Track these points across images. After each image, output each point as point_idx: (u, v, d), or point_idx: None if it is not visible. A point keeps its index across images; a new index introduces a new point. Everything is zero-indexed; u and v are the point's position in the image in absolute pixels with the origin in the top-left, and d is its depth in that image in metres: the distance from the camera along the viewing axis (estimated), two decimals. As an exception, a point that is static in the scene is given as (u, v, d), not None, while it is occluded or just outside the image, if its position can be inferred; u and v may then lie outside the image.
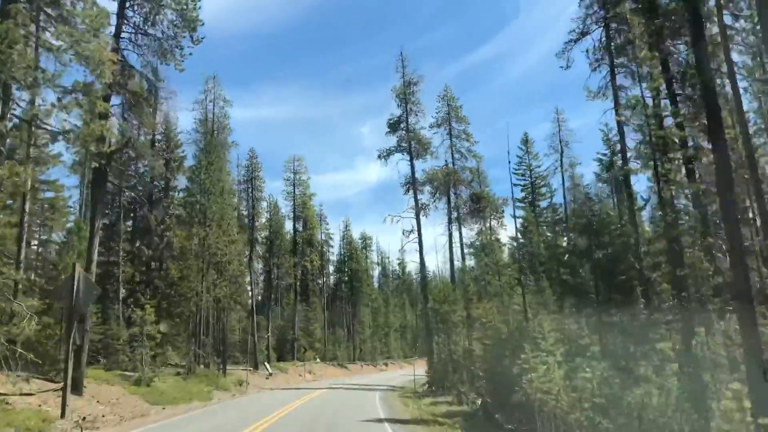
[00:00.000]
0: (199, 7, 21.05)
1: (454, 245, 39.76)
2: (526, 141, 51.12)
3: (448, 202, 40.01)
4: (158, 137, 37.48)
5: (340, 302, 79.93)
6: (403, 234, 39.43)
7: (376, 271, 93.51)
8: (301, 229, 64.19)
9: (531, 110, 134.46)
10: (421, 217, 39.48)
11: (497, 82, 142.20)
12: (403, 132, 40.78)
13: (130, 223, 37.12)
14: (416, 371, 40.66)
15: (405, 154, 40.52)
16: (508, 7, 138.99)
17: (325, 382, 48.33)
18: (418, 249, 39.38)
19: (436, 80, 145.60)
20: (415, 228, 39.45)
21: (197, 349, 30.37)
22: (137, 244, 34.40)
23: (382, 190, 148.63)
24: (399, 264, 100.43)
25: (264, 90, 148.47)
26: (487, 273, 33.54)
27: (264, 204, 57.61)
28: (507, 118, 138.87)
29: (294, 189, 63.92)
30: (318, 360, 64.39)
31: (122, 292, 30.25)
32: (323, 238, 73.41)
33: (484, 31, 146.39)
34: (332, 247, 75.40)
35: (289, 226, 63.58)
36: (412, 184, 39.97)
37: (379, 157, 40.65)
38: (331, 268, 79.60)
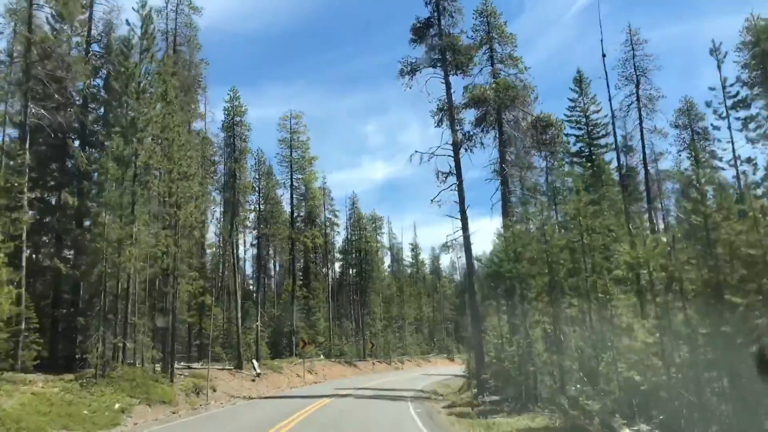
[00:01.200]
0: None
1: (511, 193, 28.04)
2: (580, 80, 39.35)
3: (500, 132, 28.37)
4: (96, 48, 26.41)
5: (348, 291, 68.58)
6: (437, 178, 27.74)
7: (387, 258, 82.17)
8: (300, 199, 52.80)
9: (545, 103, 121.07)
10: (461, 154, 27.93)
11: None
12: (434, 38, 29.25)
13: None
14: (443, 370, 28.75)
15: (438, 68, 28.96)
16: (513, 3, 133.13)
17: (329, 385, 37.03)
18: (458, 199, 27.59)
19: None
20: (453, 169, 27.84)
21: (117, 336, 18.89)
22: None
23: (388, 189, 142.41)
24: (412, 250, 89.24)
25: (268, 89, 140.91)
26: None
27: (252, 162, 46.55)
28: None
29: (291, 151, 52.60)
30: (321, 356, 53.20)
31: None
32: (327, 216, 62.12)
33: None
34: (337, 227, 63.91)
35: (285, 197, 52.46)
36: (447, 108, 28.43)
37: (401, 73, 29.09)
38: (338, 255, 68.43)
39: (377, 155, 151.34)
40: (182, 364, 32.21)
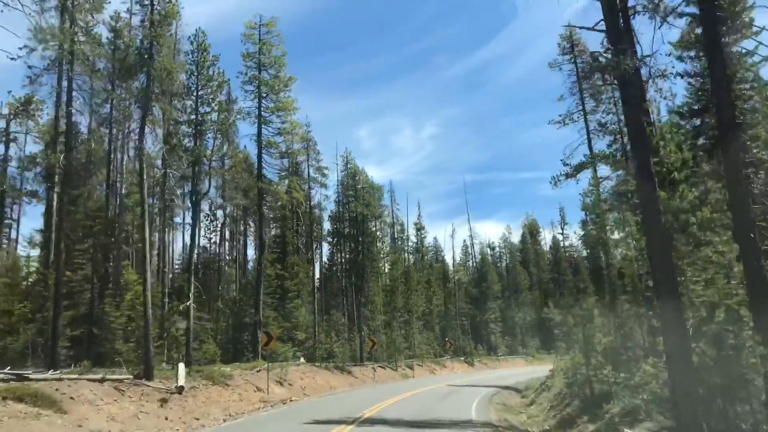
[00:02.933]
0: None
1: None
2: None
3: None
4: None
5: (340, 275, 52.66)
6: None
7: (387, 239, 66.27)
8: (270, 136, 36.85)
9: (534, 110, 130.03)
10: None
11: (498, 83, 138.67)
12: None
13: None
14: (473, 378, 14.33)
15: None
16: (506, 8, 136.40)
17: (306, 408, 21.22)
18: None
19: (434, 83, 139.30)
20: None
21: None
22: None
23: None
24: (417, 230, 73.33)
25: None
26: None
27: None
28: (511, 118, 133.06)
29: (259, 70, 36.71)
30: (302, 360, 37.45)
31: None
32: (312, 174, 46.24)
33: (485, 32, 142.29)
34: (325, 190, 48.00)
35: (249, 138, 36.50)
36: None
37: None
38: (327, 227, 52.63)
39: (369, 159, 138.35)
40: (8, 372, 16.12)
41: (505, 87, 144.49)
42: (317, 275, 46.17)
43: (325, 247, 55.55)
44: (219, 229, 46.19)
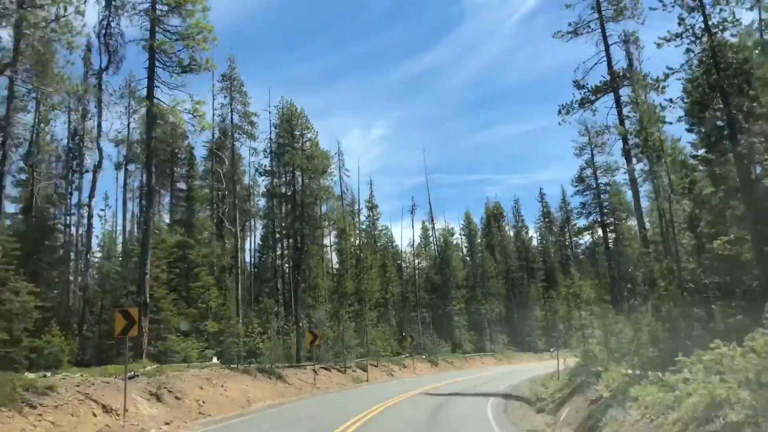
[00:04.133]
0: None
1: None
2: None
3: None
4: None
5: (272, 251, 41.62)
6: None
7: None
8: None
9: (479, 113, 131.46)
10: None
11: (447, 85, 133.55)
12: None
13: None
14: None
15: None
16: (455, 11, 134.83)
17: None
18: None
19: (383, 84, 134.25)
20: None
21: None
22: None
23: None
24: (369, 210, 62.96)
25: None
26: None
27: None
28: (456, 121, 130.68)
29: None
30: (214, 360, 26.94)
31: None
32: (236, 120, 35.15)
33: (433, 34, 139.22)
34: (256, 142, 36.94)
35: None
36: None
37: None
38: (261, 182, 41.35)
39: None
40: None
41: (452, 89, 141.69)
42: (247, 251, 35.12)
43: (259, 224, 44.53)
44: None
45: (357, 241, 48.28)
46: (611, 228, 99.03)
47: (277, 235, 39.76)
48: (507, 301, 67.91)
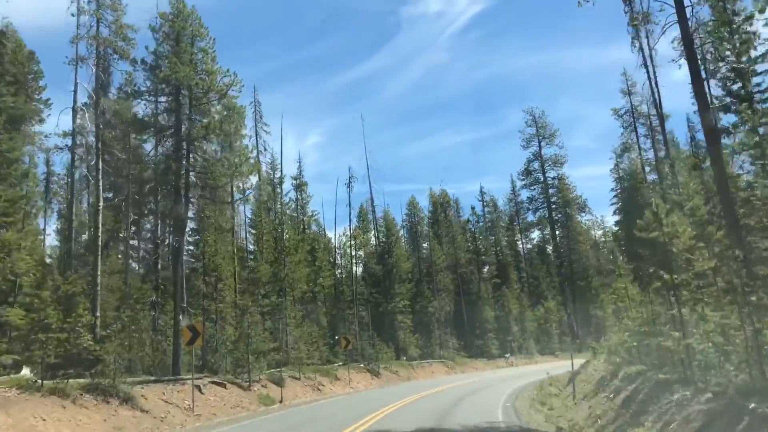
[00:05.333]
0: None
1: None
2: None
3: None
4: None
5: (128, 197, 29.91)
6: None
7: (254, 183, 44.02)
8: None
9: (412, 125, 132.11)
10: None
11: (384, 95, 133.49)
12: None
13: None
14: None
15: None
16: (391, 22, 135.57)
17: None
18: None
19: (320, 92, 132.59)
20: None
21: None
22: None
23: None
24: (297, 188, 52.07)
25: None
26: None
27: None
28: (394, 130, 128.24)
29: None
30: (24, 373, 15.23)
31: None
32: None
33: (369, 44, 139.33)
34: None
35: None
36: None
37: None
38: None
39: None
40: None
41: (390, 99, 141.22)
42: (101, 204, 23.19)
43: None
44: None
45: (277, 219, 37.12)
46: (559, 224, 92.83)
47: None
48: (456, 298, 58.30)
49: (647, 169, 44.63)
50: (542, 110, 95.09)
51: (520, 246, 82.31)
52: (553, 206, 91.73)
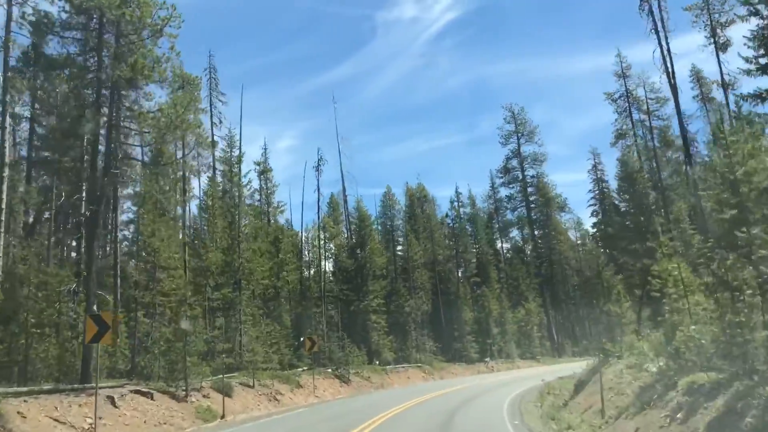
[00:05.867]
0: None
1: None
2: None
3: None
4: None
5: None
6: None
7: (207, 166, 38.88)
8: None
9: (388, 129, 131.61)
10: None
11: (357, 100, 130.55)
12: None
13: None
14: None
15: None
16: (366, 28, 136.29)
17: None
18: None
19: (293, 94, 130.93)
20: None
21: None
22: None
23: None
24: (261, 174, 47.33)
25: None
26: None
27: None
28: (367, 135, 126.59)
29: None
30: None
31: None
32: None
33: (344, 49, 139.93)
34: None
35: None
36: None
37: None
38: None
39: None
40: None
41: (363, 104, 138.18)
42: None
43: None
44: None
45: (233, 200, 32.10)
46: (538, 224, 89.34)
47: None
48: (433, 297, 53.84)
49: (654, 167, 41.03)
50: (521, 107, 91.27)
51: (500, 245, 78.37)
52: (532, 205, 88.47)
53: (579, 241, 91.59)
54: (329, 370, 34.20)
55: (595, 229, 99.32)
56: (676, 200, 38.67)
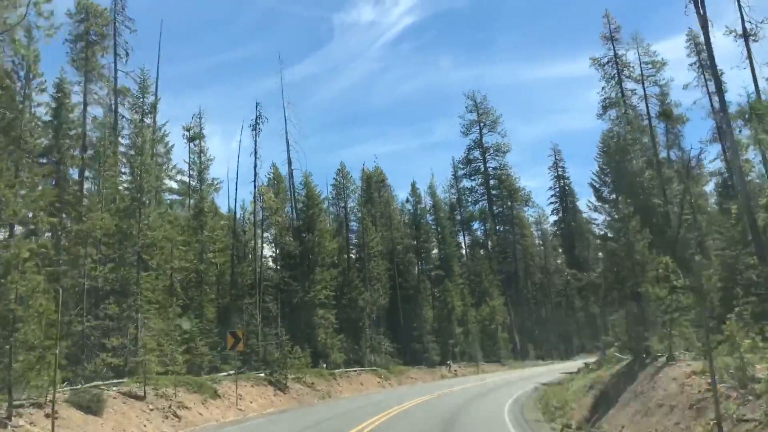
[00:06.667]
0: None
1: None
2: None
3: None
4: None
5: None
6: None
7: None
8: None
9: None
10: None
11: (313, 101, 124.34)
12: None
13: None
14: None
15: None
16: (324, 29, 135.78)
17: None
18: None
19: (248, 94, 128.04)
20: None
21: None
22: None
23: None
24: (190, 141, 39.56)
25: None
26: None
27: None
28: (323, 137, 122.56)
29: None
30: None
31: None
32: None
33: (301, 50, 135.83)
34: None
35: None
36: None
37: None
38: None
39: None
40: None
41: (319, 106, 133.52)
42: None
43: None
44: None
45: (138, 144, 24.51)
46: (501, 218, 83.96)
47: None
48: (391, 292, 47.15)
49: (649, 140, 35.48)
50: (484, 95, 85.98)
51: (462, 239, 72.42)
52: (495, 198, 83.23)
53: (539, 241, 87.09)
54: (262, 374, 27.01)
55: (555, 228, 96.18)
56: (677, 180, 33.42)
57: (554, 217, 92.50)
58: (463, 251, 70.78)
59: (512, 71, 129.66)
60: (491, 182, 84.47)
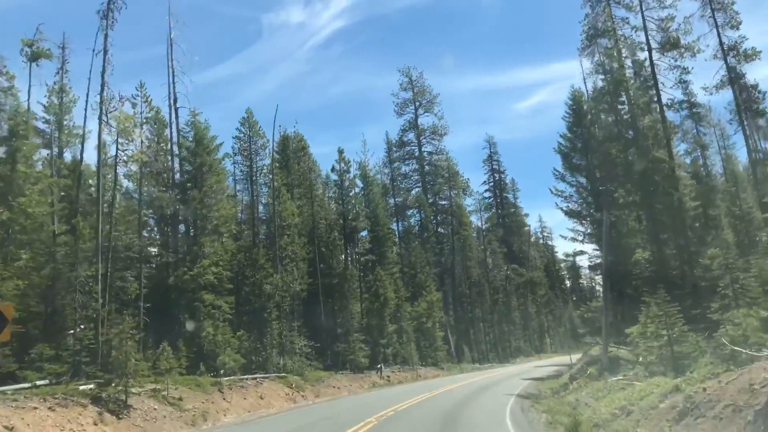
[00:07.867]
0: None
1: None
2: None
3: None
4: None
5: None
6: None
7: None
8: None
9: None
10: None
11: (239, 101, 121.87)
12: None
13: None
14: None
15: None
16: (252, 29, 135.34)
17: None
18: None
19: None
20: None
21: None
22: None
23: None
24: (29, 48, 27.69)
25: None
26: None
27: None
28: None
29: None
30: None
31: None
32: None
33: (227, 48, 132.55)
34: None
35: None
36: None
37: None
38: None
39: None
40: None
41: (240, 107, 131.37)
42: None
43: None
44: None
45: None
46: (435, 207, 75.39)
47: None
48: (311, 279, 37.07)
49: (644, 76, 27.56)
50: (421, 71, 77.89)
51: (395, 227, 63.19)
52: (430, 185, 75.01)
53: (476, 234, 79.53)
54: (90, 386, 16.45)
55: (488, 224, 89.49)
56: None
57: (486, 214, 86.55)
58: (396, 240, 61.69)
59: (439, 80, 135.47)
60: (426, 168, 76.45)
